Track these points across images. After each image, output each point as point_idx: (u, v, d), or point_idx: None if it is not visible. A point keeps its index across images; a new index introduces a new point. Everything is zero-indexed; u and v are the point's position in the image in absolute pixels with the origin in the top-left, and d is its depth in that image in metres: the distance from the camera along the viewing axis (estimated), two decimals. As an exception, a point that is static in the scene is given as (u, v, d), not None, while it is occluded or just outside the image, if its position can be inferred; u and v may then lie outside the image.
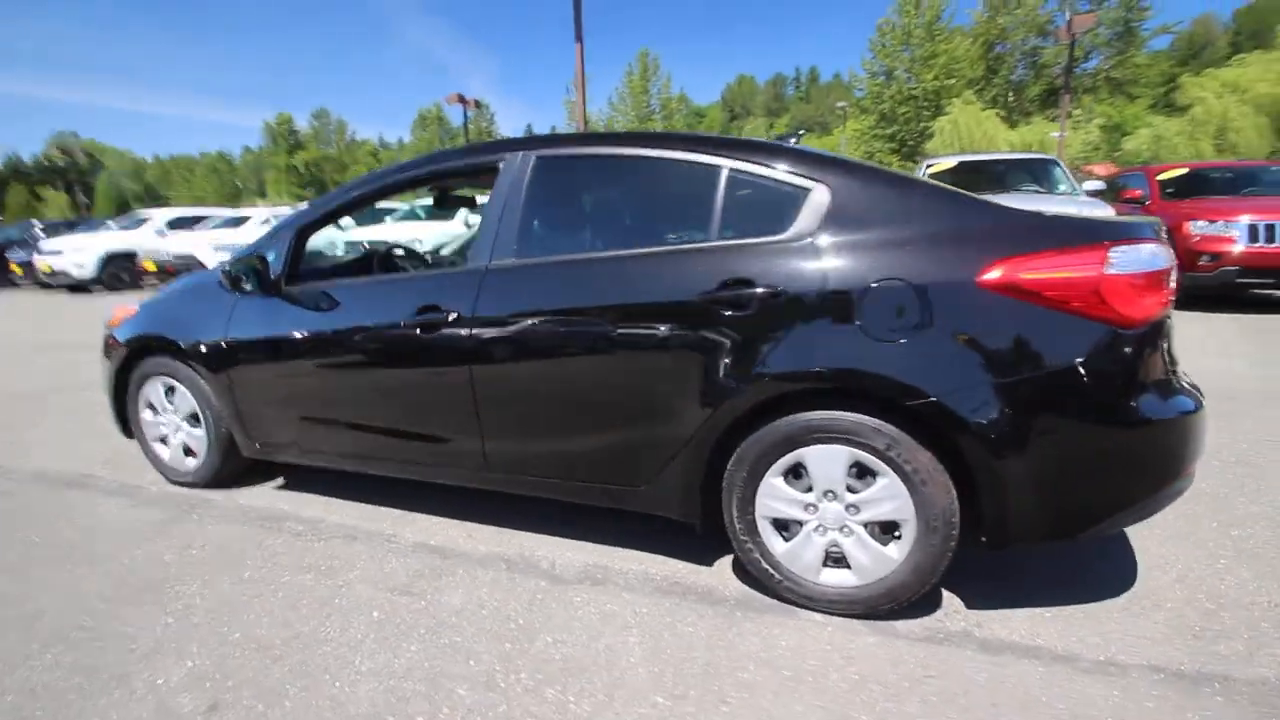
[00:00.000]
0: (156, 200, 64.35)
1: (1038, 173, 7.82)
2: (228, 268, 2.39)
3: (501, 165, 2.19)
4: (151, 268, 12.38)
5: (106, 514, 2.63)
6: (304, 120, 60.50)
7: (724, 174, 1.92)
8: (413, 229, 10.59)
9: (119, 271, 13.05)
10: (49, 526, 2.53)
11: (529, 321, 2.01)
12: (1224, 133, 26.81)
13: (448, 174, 2.35)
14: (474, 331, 2.07)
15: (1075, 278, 1.59)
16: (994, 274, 1.61)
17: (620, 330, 1.91)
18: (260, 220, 13.26)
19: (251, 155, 73.60)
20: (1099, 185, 8.00)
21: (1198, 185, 7.91)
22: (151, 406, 2.85)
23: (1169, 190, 7.86)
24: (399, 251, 3.10)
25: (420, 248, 3.73)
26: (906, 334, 1.65)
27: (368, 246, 10.72)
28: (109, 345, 2.86)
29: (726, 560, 2.16)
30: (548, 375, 2.03)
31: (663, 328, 1.86)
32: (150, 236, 13.24)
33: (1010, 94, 38.83)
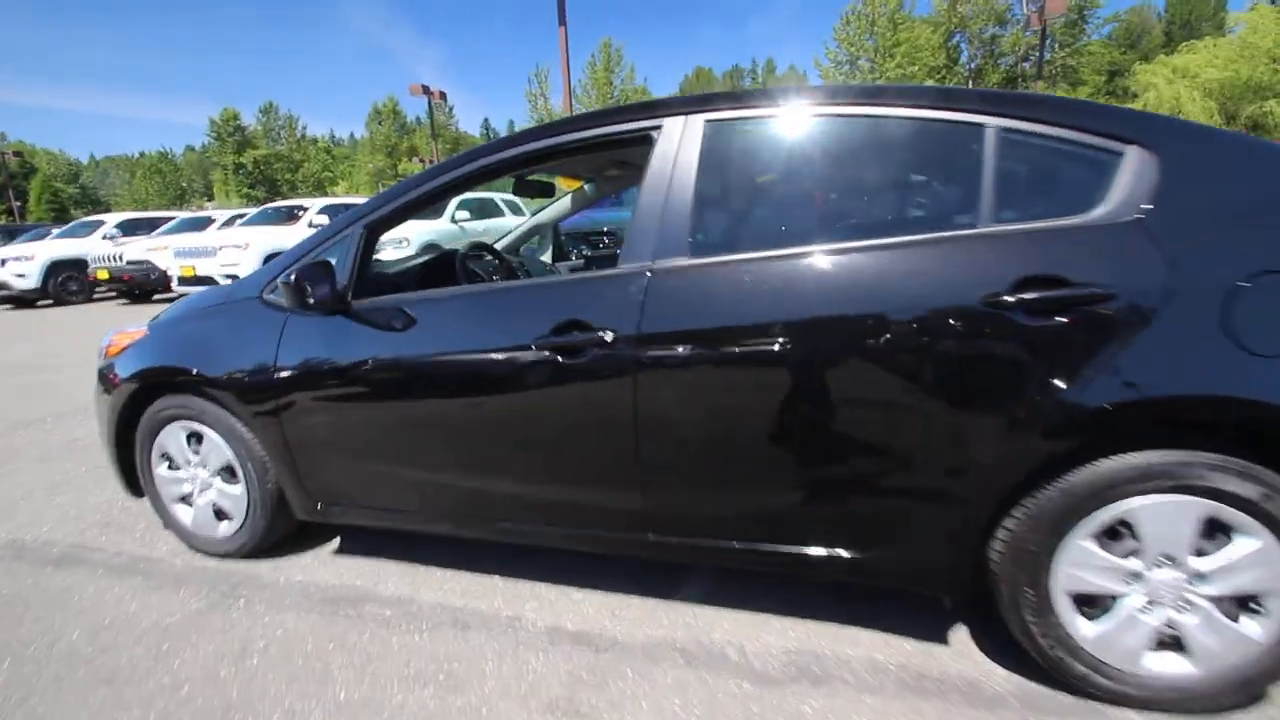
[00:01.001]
0: (95, 204, 60.86)
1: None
2: (288, 277, 1.81)
3: (657, 135, 1.67)
4: (105, 276, 11.35)
5: (120, 603, 2.03)
6: (251, 116, 57.77)
7: (992, 136, 1.44)
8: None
9: (68, 282, 11.96)
10: (40, 627, 1.92)
11: (720, 340, 1.51)
12: (1176, 116, 27.58)
13: (572, 148, 1.80)
14: (640, 354, 1.55)
15: None
16: None
17: (856, 349, 1.42)
18: (222, 222, 12.28)
19: (195, 154, 70.28)
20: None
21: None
22: (169, 458, 2.24)
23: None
24: (485, 255, 2.53)
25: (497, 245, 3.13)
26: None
27: (434, 246, 9.96)
28: (109, 381, 2.23)
29: (962, 634, 1.69)
30: (748, 410, 1.52)
31: (922, 344, 1.38)
32: (100, 243, 12.15)
33: (969, 82, 39.41)
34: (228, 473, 2.16)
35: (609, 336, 1.57)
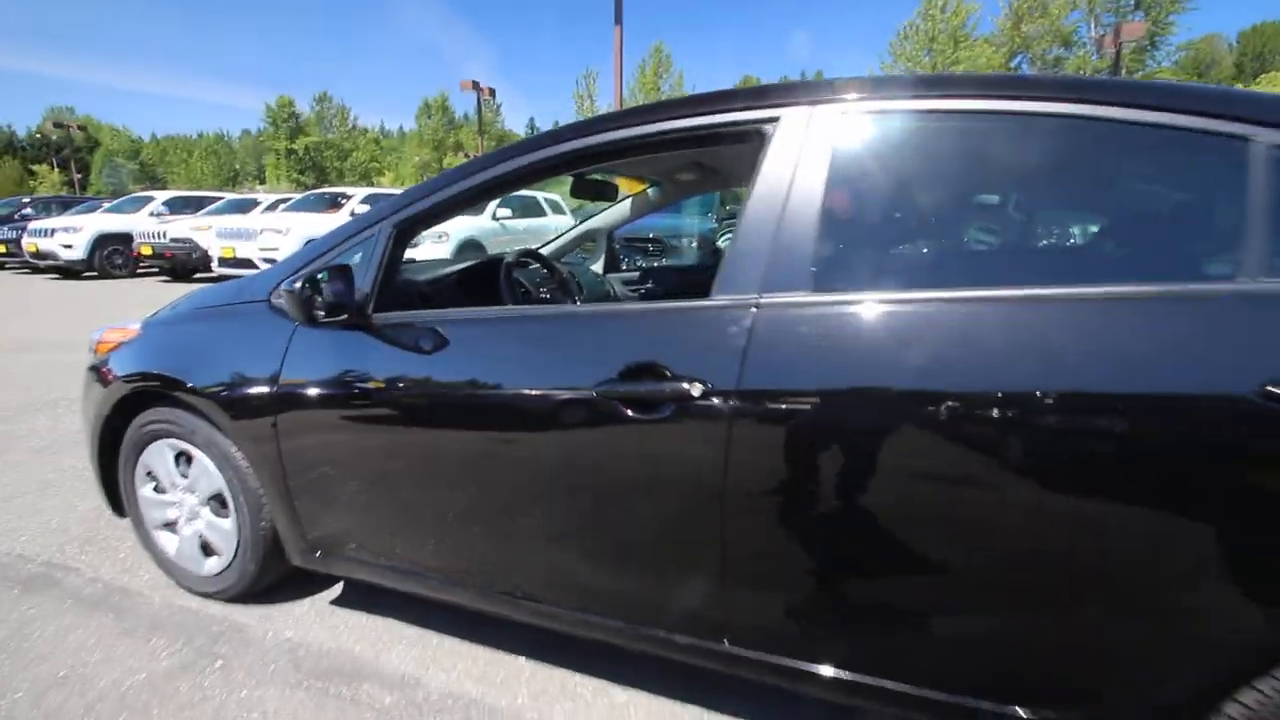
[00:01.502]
0: (154, 181, 62.89)
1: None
2: (293, 283, 1.47)
3: (773, 130, 1.28)
4: (148, 252, 11.40)
5: (81, 650, 1.71)
6: (305, 105, 59.09)
7: (1264, 155, 1.02)
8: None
9: (113, 255, 12.06)
10: (-11, 675, 1.61)
11: (853, 407, 1.12)
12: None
13: (652, 144, 1.43)
14: (738, 416, 1.17)
15: None
16: None
17: (1068, 436, 1.01)
18: (266, 206, 12.28)
19: (250, 139, 72.22)
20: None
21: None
22: (154, 478, 1.93)
23: None
24: (531, 263, 2.18)
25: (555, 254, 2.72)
26: None
27: (475, 243, 9.73)
28: (103, 376, 1.92)
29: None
30: (891, 503, 1.12)
31: (1165, 442, 0.97)
32: (147, 219, 12.24)
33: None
34: (218, 502, 1.84)
35: (696, 390, 1.19)
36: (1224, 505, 0.94)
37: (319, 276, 1.46)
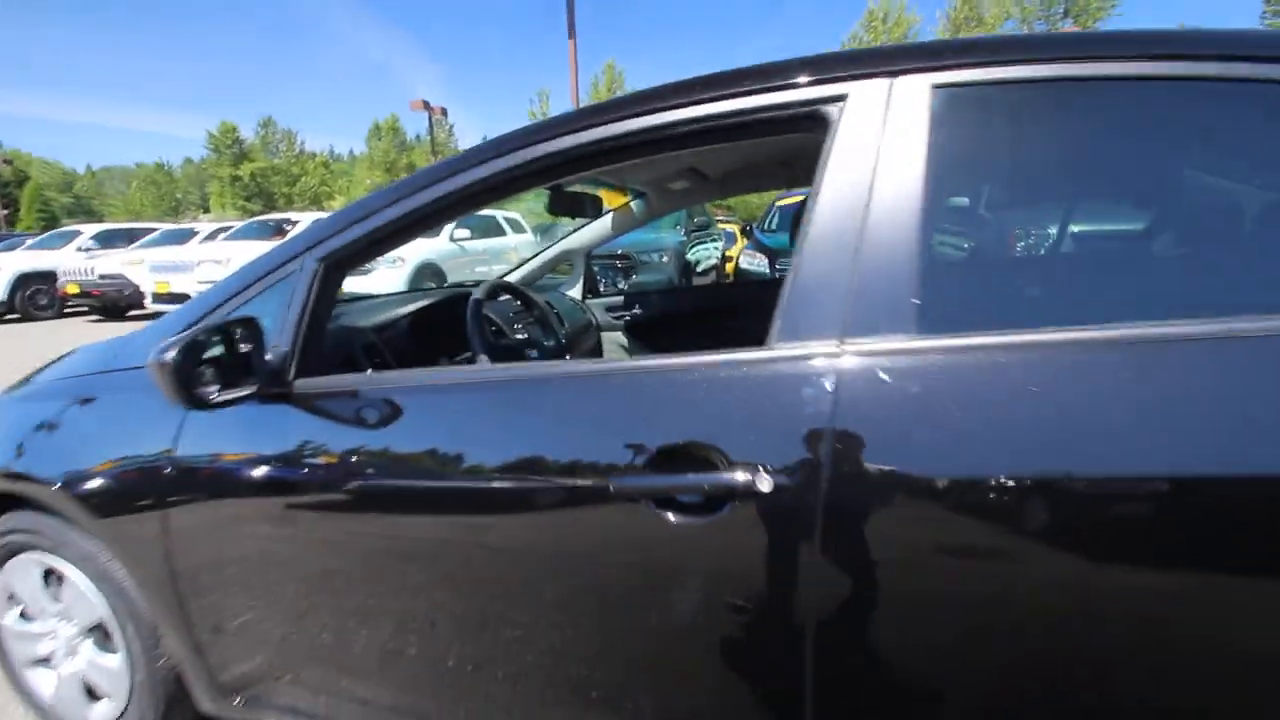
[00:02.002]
0: (89, 214, 60.02)
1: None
2: (167, 352, 1.04)
3: (838, 112, 0.93)
4: (75, 291, 10.56)
5: None
6: (249, 130, 57.21)
7: None
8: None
9: (36, 295, 11.15)
10: None
11: (1005, 501, 0.76)
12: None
13: (658, 141, 1.05)
14: (829, 518, 0.81)
15: None
16: None
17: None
18: (205, 235, 11.53)
19: (192, 166, 69.72)
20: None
21: None
22: (18, 602, 1.47)
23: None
24: (501, 295, 1.78)
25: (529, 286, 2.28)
26: None
27: (432, 268, 9.11)
28: None
29: None
30: (1077, 630, 0.77)
31: None
32: (73, 255, 11.37)
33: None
34: (100, 635, 1.40)
35: (764, 482, 0.83)
36: None
37: (203, 338, 1.04)
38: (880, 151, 0.90)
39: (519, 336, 1.80)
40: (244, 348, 1.08)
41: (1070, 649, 0.76)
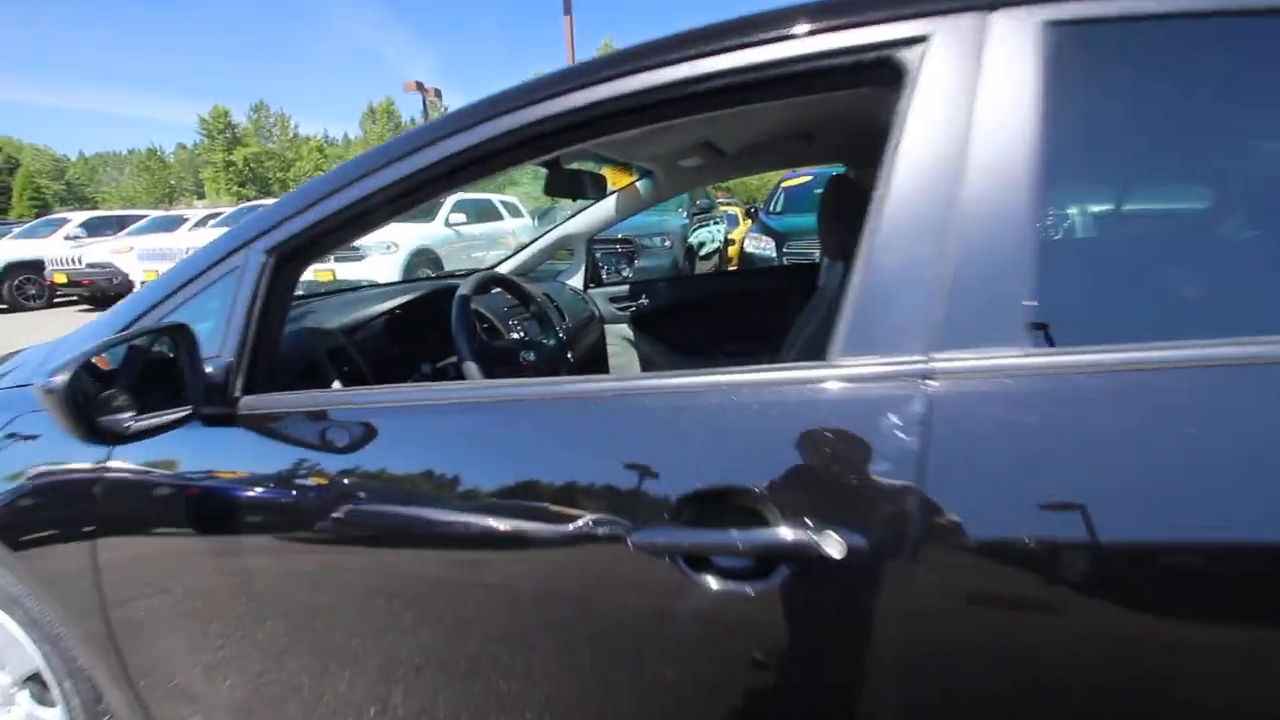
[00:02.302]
0: (82, 202, 59.44)
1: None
2: (56, 376, 0.81)
3: (916, 59, 0.72)
4: (62, 280, 10.33)
5: None
6: (242, 115, 56.44)
7: None
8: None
9: (24, 285, 10.92)
10: None
11: (1169, 575, 0.57)
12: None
13: (680, 101, 0.84)
14: (922, 596, 0.62)
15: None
16: None
17: None
18: (195, 222, 11.25)
19: (186, 153, 68.96)
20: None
21: None
22: (-59, 647, 1.29)
23: None
24: (493, 288, 1.57)
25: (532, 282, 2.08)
26: None
27: (427, 254, 8.83)
28: None
29: None
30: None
31: None
32: (60, 244, 11.12)
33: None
34: (38, 684, 1.21)
35: (829, 546, 0.63)
36: None
37: (110, 354, 0.84)
38: (975, 109, 0.69)
39: (514, 335, 1.61)
40: (170, 361, 0.88)
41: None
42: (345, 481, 0.88)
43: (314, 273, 8.56)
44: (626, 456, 0.75)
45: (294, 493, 0.90)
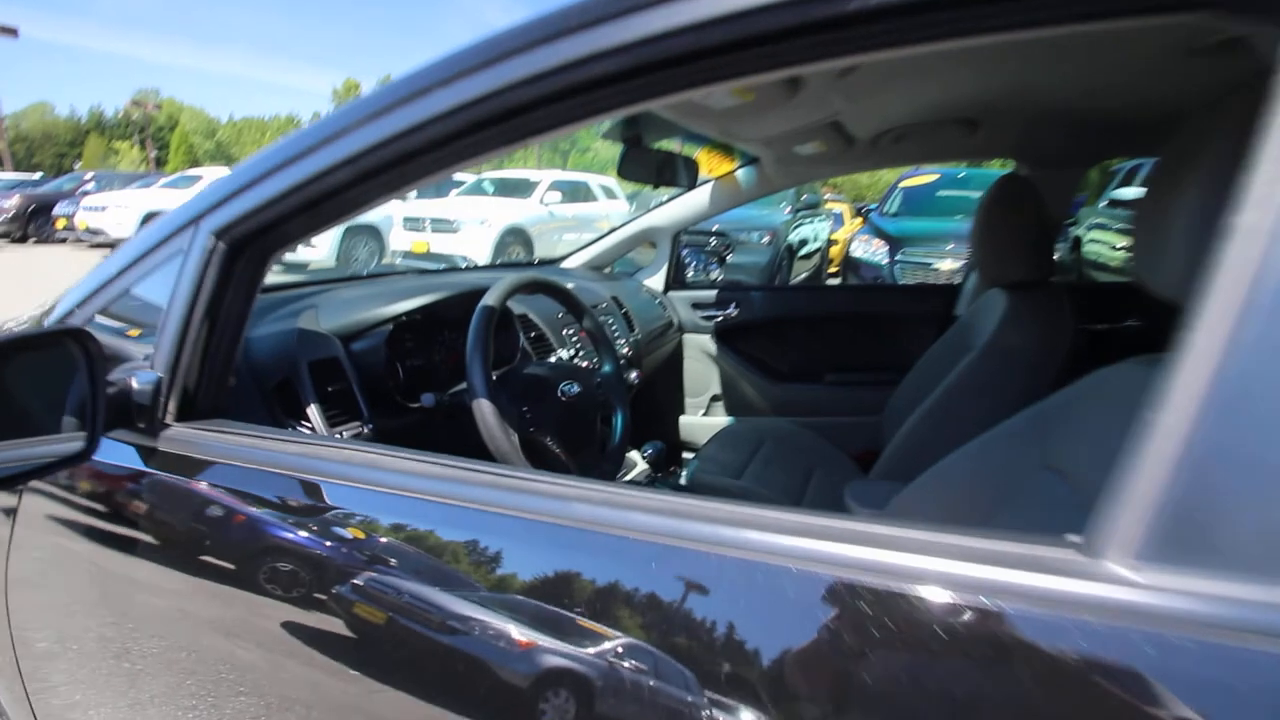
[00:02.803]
0: (229, 160, 65.15)
1: None
2: None
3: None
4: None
5: None
6: (371, 87, 59.78)
7: None
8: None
9: (161, 233, 11.91)
10: None
11: None
12: None
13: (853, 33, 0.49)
14: None
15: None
16: None
17: None
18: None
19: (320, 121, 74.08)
20: None
21: None
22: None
23: None
24: (540, 296, 1.28)
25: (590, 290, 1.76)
26: None
27: (519, 233, 8.90)
28: None
29: None
30: None
31: None
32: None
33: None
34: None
35: None
36: None
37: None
38: None
39: (563, 353, 1.30)
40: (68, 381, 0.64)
41: None
42: (283, 558, 0.61)
43: (412, 244, 8.65)
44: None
45: (242, 555, 0.65)
